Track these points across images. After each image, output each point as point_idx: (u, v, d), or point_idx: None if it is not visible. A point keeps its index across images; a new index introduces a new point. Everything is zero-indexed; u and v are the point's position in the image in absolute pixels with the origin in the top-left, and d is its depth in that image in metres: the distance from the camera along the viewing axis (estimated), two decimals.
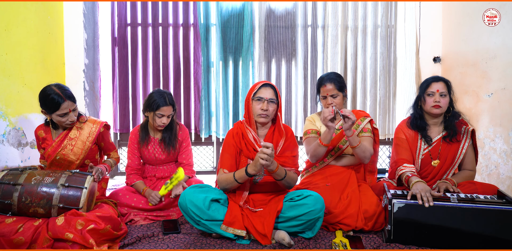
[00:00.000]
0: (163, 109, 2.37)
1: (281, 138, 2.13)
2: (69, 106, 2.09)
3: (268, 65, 3.45)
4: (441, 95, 2.21)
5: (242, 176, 1.96)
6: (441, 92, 2.21)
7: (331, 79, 2.41)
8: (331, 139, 2.21)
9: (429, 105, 2.23)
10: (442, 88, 2.21)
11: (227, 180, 2.02)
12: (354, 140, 2.20)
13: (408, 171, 2.16)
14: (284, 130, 2.14)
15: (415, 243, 1.91)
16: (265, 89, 2.08)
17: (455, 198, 1.92)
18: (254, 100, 2.09)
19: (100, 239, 1.84)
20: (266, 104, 2.05)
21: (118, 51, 3.36)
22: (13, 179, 1.91)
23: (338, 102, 2.41)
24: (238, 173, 1.98)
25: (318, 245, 1.93)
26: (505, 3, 2.74)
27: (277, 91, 2.11)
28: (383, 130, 3.53)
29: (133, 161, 2.52)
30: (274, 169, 1.92)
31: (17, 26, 2.57)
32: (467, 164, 2.31)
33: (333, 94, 2.40)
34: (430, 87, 2.23)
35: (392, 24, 3.48)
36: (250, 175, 1.94)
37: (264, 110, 2.05)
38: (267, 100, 2.06)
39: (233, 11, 3.38)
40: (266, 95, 2.06)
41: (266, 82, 2.12)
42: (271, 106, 2.07)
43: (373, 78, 3.49)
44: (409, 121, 2.35)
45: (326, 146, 2.22)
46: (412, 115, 2.36)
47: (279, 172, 1.95)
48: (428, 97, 2.23)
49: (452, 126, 2.26)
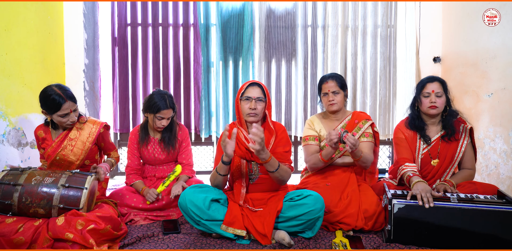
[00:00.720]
0: (163, 112, 2.37)
1: (271, 136, 2.15)
2: (70, 106, 2.10)
3: (268, 65, 3.45)
4: (437, 96, 2.21)
5: (220, 166, 2.01)
6: (436, 92, 2.21)
7: (333, 76, 2.46)
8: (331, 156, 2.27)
9: (425, 106, 2.24)
10: (437, 89, 2.21)
11: (212, 175, 2.08)
12: (356, 154, 2.22)
13: (410, 171, 2.16)
14: (273, 127, 2.15)
15: (415, 243, 1.91)
16: (252, 89, 2.10)
17: (455, 198, 1.92)
18: (242, 100, 2.11)
19: (100, 239, 1.84)
20: (254, 103, 2.07)
21: (118, 51, 3.36)
22: (13, 179, 1.91)
23: (339, 101, 2.42)
24: (218, 165, 2.02)
25: (318, 245, 1.93)
26: (505, 3, 2.74)
27: (265, 89, 2.13)
28: (383, 129, 3.53)
29: (132, 161, 2.52)
30: (267, 158, 1.92)
31: (17, 26, 2.57)
32: (466, 162, 2.31)
33: (335, 91, 2.41)
34: (425, 88, 2.23)
35: (392, 24, 3.48)
36: (224, 163, 1.97)
37: (252, 109, 2.07)
38: (255, 99, 2.08)
39: (233, 11, 3.38)
40: (253, 95, 2.08)
41: (253, 82, 2.14)
42: (259, 105, 2.09)
43: (373, 78, 3.49)
44: (407, 122, 2.36)
45: (326, 161, 2.28)
46: (409, 115, 2.36)
47: (272, 162, 1.96)
48: (424, 98, 2.23)
49: (450, 125, 2.26)
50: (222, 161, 1.97)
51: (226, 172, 2.03)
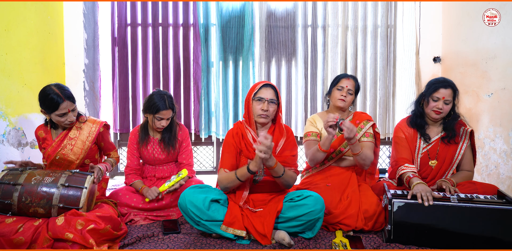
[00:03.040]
0: (163, 113, 2.37)
1: (281, 138, 2.13)
2: (68, 106, 2.09)
3: (268, 65, 3.45)
4: (445, 103, 2.20)
5: (244, 174, 1.96)
6: (446, 100, 2.19)
7: (355, 78, 2.50)
8: (330, 145, 2.22)
9: (430, 109, 2.23)
10: (448, 96, 2.19)
11: (228, 179, 2.01)
12: (356, 147, 2.21)
13: (410, 172, 2.15)
14: (285, 130, 2.14)
15: (415, 243, 1.91)
16: (265, 90, 2.08)
17: (455, 198, 1.92)
18: (254, 100, 2.08)
19: (100, 239, 1.84)
20: (266, 104, 2.05)
21: (118, 51, 3.36)
22: (13, 179, 1.91)
23: (349, 100, 2.44)
24: (240, 170, 1.98)
25: (318, 245, 1.93)
26: (505, 3, 2.74)
27: (278, 91, 2.11)
28: (383, 129, 3.53)
29: (132, 161, 2.52)
30: (273, 165, 1.92)
31: (17, 26, 2.57)
32: (465, 164, 2.31)
33: (350, 90, 2.43)
34: (437, 93, 2.20)
35: (392, 24, 3.48)
36: (251, 172, 1.94)
37: (264, 110, 2.05)
38: (268, 100, 2.05)
39: (234, 11, 3.38)
40: (266, 96, 2.06)
41: (266, 83, 2.11)
42: (271, 107, 2.07)
43: (373, 78, 3.49)
44: (409, 119, 2.35)
45: (325, 151, 2.23)
46: (412, 112, 2.35)
47: (278, 168, 1.95)
48: (432, 101, 2.22)
49: (451, 128, 2.26)
50: (249, 169, 1.93)
51: (246, 179, 2.01)
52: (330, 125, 2.12)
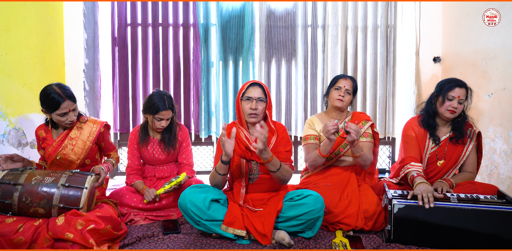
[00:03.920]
0: (162, 114, 2.37)
1: (272, 135, 2.14)
2: (69, 106, 2.09)
3: (268, 65, 3.45)
4: (459, 102, 2.20)
5: (220, 166, 1.99)
6: (460, 99, 2.20)
7: (353, 78, 2.50)
8: (330, 150, 2.23)
9: (444, 108, 2.22)
10: (462, 96, 2.20)
11: (212, 175, 2.06)
12: (357, 150, 2.20)
13: (415, 170, 2.15)
14: (274, 127, 2.15)
15: (415, 243, 1.91)
16: (253, 89, 2.10)
17: (455, 198, 1.92)
18: (243, 100, 2.10)
19: (100, 239, 1.84)
20: (255, 103, 2.06)
21: (118, 51, 3.36)
22: (14, 179, 1.91)
23: (347, 100, 2.43)
24: (218, 164, 2.01)
25: (318, 245, 1.93)
26: (505, 3, 2.74)
27: (266, 89, 2.12)
28: (383, 129, 3.54)
29: (133, 161, 2.52)
30: (269, 158, 1.92)
31: (17, 26, 2.57)
32: (468, 165, 2.31)
33: (348, 90, 2.42)
34: (452, 92, 2.20)
35: (392, 24, 3.48)
36: (224, 162, 1.95)
37: (253, 109, 2.06)
38: (256, 99, 2.07)
39: (233, 11, 3.38)
40: (254, 95, 2.08)
41: (254, 82, 2.13)
42: (260, 105, 2.08)
43: (372, 78, 3.49)
44: (421, 119, 2.35)
45: (325, 156, 2.24)
46: (424, 112, 2.34)
47: (274, 161, 1.95)
48: (447, 100, 2.22)
49: (460, 128, 2.27)
50: (221, 160, 1.96)
51: (226, 172, 2.02)
52: (332, 132, 2.11)
